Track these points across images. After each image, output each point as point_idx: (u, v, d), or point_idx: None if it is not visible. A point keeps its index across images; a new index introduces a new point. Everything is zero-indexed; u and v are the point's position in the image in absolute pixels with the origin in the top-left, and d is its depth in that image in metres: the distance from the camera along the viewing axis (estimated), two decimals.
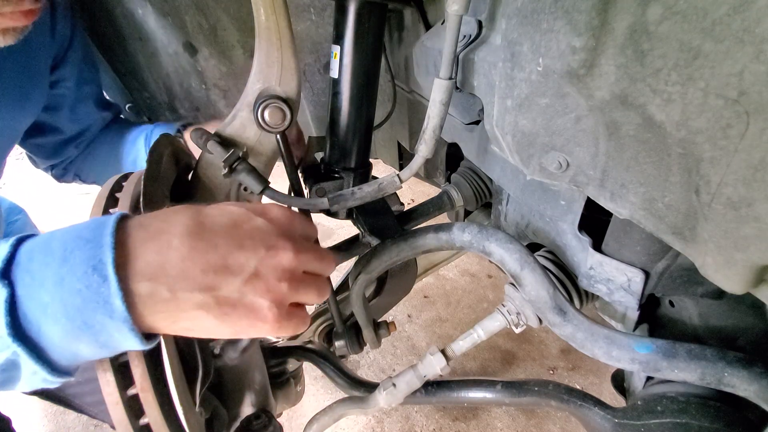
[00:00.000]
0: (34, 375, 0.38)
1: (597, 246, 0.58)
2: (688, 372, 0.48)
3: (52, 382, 0.39)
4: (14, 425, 0.87)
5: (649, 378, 0.62)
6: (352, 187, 0.63)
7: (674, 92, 0.31)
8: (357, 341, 0.85)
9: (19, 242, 0.38)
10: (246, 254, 0.41)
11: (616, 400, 0.67)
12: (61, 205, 2.31)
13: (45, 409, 1.60)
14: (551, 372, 1.69)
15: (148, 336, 0.40)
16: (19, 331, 0.35)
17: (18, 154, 3.06)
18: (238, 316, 0.41)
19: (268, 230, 0.44)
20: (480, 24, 0.54)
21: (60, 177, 1.08)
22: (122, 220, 0.39)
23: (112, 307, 0.36)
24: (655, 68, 0.31)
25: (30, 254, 0.37)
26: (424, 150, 0.57)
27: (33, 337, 0.36)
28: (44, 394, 0.91)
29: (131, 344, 0.38)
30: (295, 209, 0.52)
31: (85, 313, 0.36)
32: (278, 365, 0.86)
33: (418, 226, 0.70)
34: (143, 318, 0.38)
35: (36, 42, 0.71)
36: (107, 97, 1.09)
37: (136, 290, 0.37)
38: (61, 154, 1.01)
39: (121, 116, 1.11)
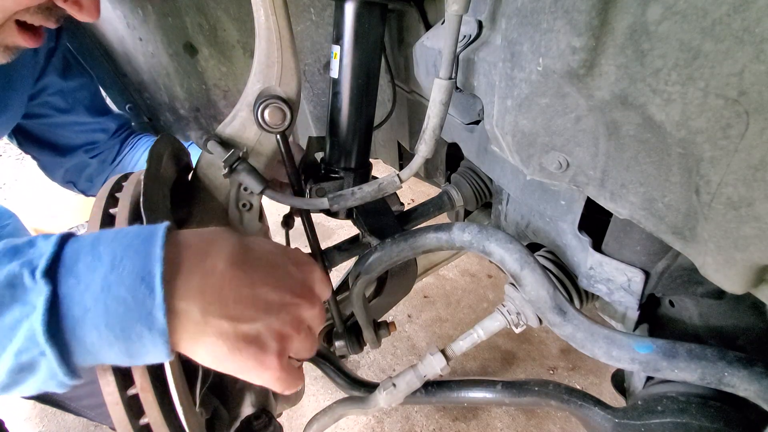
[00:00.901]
0: (50, 379, 0.37)
1: (597, 246, 0.58)
2: (688, 372, 0.48)
3: (64, 387, 0.38)
4: (8, 426, 0.86)
5: (649, 378, 0.62)
6: (352, 187, 0.63)
7: (674, 92, 0.31)
8: (357, 341, 0.85)
9: (63, 241, 0.38)
10: (273, 296, 0.43)
11: (616, 400, 0.67)
12: (61, 206, 2.31)
13: (45, 408, 1.60)
14: (551, 372, 1.69)
15: None
16: (54, 332, 0.35)
17: (18, 155, 3.06)
18: (247, 355, 0.42)
19: (298, 279, 0.47)
20: (480, 24, 0.54)
21: (87, 191, 1.08)
22: (168, 232, 0.40)
23: (153, 320, 0.36)
24: (655, 68, 0.31)
25: (75, 256, 0.37)
26: (424, 150, 0.57)
27: (66, 339, 0.36)
28: (40, 397, 0.91)
29: (158, 357, 0.39)
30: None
31: (125, 322, 0.36)
32: None
33: (418, 226, 0.70)
34: (173, 335, 0.38)
35: (16, 61, 0.73)
36: (113, 106, 1.09)
37: (174, 306, 0.38)
38: (69, 166, 1.01)
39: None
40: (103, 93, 1.09)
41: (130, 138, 1.05)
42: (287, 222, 0.84)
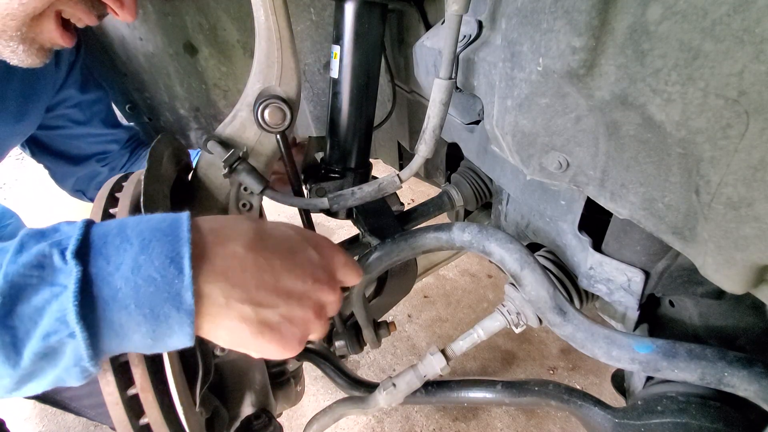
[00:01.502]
0: (74, 365, 0.37)
1: (597, 246, 0.58)
2: (688, 372, 0.48)
3: (83, 376, 0.38)
4: (8, 426, 0.86)
5: (649, 378, 0.62)
6: (352, 187, 0.63)
7: (674, 92, 0.31)
8: (357, 341, 0.85)
9: (89, 225, 0.39)
10: (295, 282, 0.44)
11: (616, 400, 0.67)
12: (60, 206, 2.31)
13: (45, 408, 1.60)
14: (551, 372, 1.69)
15: None
16: (85, 312, 0.35)
17: (18, 155, 3.06)
18: (270, 338, 0.43)
19: (319, 265, 0.47)
20: (480, 24, 0.54)
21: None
22: (191, 218, 0.41)
23: (181, 300, 0.37)
24: (655, 68, 0.31)
25: (104, 238, 0.38)
26: (424, 150, 0.57)
27: (96, 320, 0.36)
28: (41, 396, 0.91)
29: (182, 340, 0.39)
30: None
31: (154, 302, 0.37)
32: (278, 365, 0.86)
33: (418, 226, 0.70)
34: (197, 318, 0.39)
35: (40, 70, 0.74)
36: (122, 119, 1.10)
37: (200, 289, 0.39)
38: (80, 175, 1.03)
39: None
40: None
41: (138, 148, 1.08)
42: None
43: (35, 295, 0.35)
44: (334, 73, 0.72)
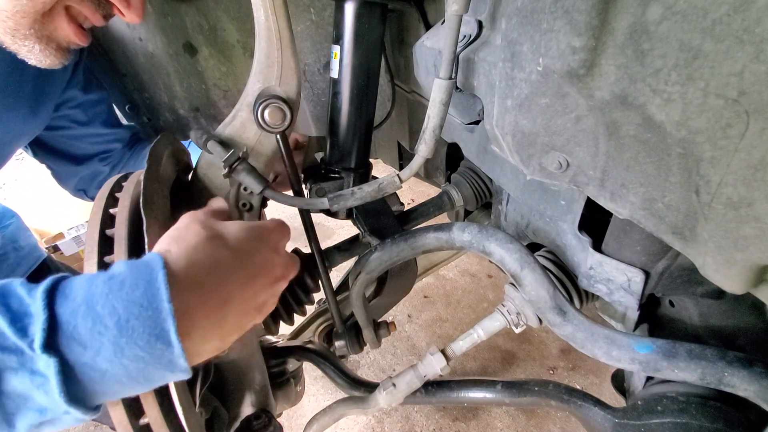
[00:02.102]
0: (75, 423, 0.38)
1: (597, 246, 0.58)
2: (688, 372, 0.48)
3: (85, 422, 0.39)
4: None
5: (649, 378, 0.62)
6: (352, 187, 0.63)
7: (674, 92, 0.31)
8: (357, 341, 0.85)
9: (50, 299, 0.35)
10: (267, 294, 0.49)
11: (616, 400, 0.67)
12: (60, 206, 2.31)
13: None
14: (551, 372, 1.69)
15: None
16: (74, 396, 0.35)
17: (18, 155, 3.06)
18: (240, 334, 0.47)
19: (276, 262, 0.51)
20: (480, 24, 0.54)
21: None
22: (165, 270, 0.39)
23: (174, 365, 0.38)
24: (655, 68, 0.31)
25: (72, 320, 0.35)
26: (424, 150, 0.57)
27: (87, 396, 0.36)
28: None
29: (175, 380, 0.41)
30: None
31: (147, 373, 0.37)
32: (278, 365, 0.86)
33: (418, 226, 0.70)
34: (192, 363, 0.40)
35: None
36: (122, 118, 1.11)
37: (195, 350, 0.40)
38: (83, 175, 1.03)
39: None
40: None
41: (139, 145, 1.08)
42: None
43: (15, 377, 0.33)
44: (334, 73, 0.72)
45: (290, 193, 0.70)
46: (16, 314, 0.34)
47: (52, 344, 0.34)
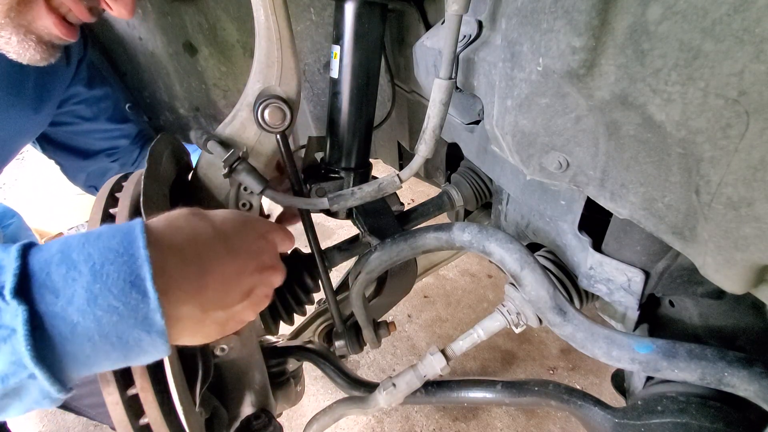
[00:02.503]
0: (42, 399, 0.34)
1: (597, 246, 0.58)
2: (688, 372, 0.48)
3: (56, 402, 0.36)
4: (9, 426, 0.87)
5: (649, 378, 0.62)
6: (352, 187, 0.63)
7: (674, 92, 0.31)
8: (357, 341, 0.85)
9: (25, 251, 0.34)
10: (255, 278, 0.47)
11: (616, 400, 0.67)
12: (60, 206, 2.31)
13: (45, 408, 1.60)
14: (551, 372, 1.69)
15: None
16: (42, 353, 0.32)
17: (18, 155, 3.06)
18: (232, 325, 0.47)
19: (265, 249, 0.50)
20: (480, 24, 0.54)
21: None
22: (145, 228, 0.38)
23: (150, 323, 0.35)
24: (655, 68, 0.31)
25: (45, 267, 0.33)
26: (424, 150, 0.57)
27: (57, 357, 0.33)
28: None
29: (157, 356, 0.38)
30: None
31: (120, 329, 0.34)
32: (278, 365, 0.86)
33: (418, 226, 0.70)
34: (171, 335, 0.37)
35: (53, 65, 0.74)
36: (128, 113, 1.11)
37: (172, 312, 0.37)
38: (91, 170, 1.03)
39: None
40: None
41: (148, 143, 1.07)
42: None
43: None
44: (334, 73, 0.72)
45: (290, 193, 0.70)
46: None
47: (22, 291, 0.32)
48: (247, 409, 0.73)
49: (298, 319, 0.97)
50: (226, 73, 1.07)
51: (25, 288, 0.32)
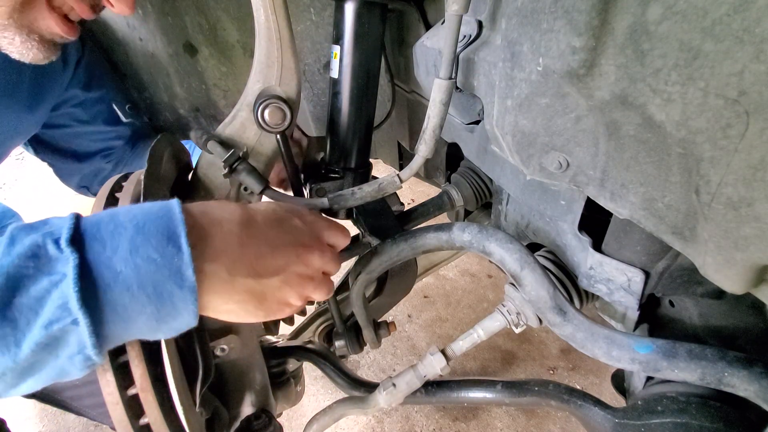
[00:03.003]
0: (77, 353, 0.36)
1: (597, 246, 0.58)
2: (688, 372, 0.48)
3: (86, 366, 0.38)
4: (9, 426, 0.86)
5: (649, 378, 0.62)
6: (352, 187, 0.63)
7: (674, 92, 0.31)
8: (357, 341, 0.85)
9: (78, 215, 0.39)
10: (289, 250, 0.47)
11: (616, 400, 0.67)
12: (60, 206, 2.31)
13: (45, 408, 1.60)
14: (551, 372, 1.69)
15: None
16: (87, 297, 0.35)
17: (18, 155, 3.06)
18: (270, 304, 0.47)
19: (305, 232, 0.51)
20: (480, 24, 0.54)
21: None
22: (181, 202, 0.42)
23: (183, 277, 0.38)
24: (655, 68, 0.31)
25: (96, 225, 0.38)
26: (424, 150, 0.57)
27: (99, 305, 0.36)
28: (42, 396, 0.91)
29: (187, 320, 0.40)
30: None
31: (156, 280, 0.37)
32: (278, 365, 0.86)
33: (418, 226, 0.70)
34: (201, 296, 0.40)
35: (50, 66, 0.74)
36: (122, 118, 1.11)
37: (202, 268, 0.40)
38: (86, 172, 1.03)
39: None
40: None
41: (140, 142, 1.08)
42: None
43: (33, 285, 0.34)
44: (334, 73, 0.72)
45: (290, 193, 0.70)
46: (48, 232, 0.37)
47: (75, 242, 0.36)
48: (247, 409, 0.73)
49: (298, 319, 0.97)
50: (226, 73, 1.07)
51: (77, 239, 0.37)
